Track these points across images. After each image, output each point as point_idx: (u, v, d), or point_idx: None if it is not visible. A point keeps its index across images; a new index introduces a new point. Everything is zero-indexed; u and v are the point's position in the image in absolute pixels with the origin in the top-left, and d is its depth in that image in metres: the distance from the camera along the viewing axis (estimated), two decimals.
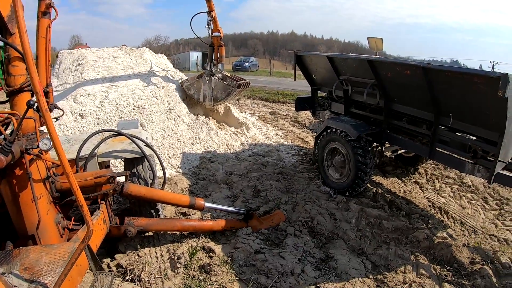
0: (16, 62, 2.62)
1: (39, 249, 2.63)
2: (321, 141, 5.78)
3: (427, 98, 4.32)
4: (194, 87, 8.48)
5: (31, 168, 2.68)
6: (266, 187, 5.60)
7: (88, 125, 6.71)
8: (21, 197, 2.72)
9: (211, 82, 8.26)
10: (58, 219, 3.08)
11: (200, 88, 8.41)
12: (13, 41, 2.56)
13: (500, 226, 4.86)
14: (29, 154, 2.63)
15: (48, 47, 3.33)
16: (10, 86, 2.64)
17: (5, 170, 2.55)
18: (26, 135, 2.69)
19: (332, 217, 4.73)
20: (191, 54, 47.81)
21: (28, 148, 2.60)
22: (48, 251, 2.60)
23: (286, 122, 10.91)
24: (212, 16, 8.28)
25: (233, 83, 8.19)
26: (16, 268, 2.39)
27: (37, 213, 2.76)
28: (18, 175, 2.66)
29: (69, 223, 3.23)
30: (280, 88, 19.47)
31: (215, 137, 7.96)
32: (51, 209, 3.00)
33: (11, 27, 2.54)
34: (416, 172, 6.48)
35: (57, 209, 3.15)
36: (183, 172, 6.34)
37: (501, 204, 5.43)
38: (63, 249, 2.57)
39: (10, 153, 2.42)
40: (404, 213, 4.98)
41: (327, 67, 5.99)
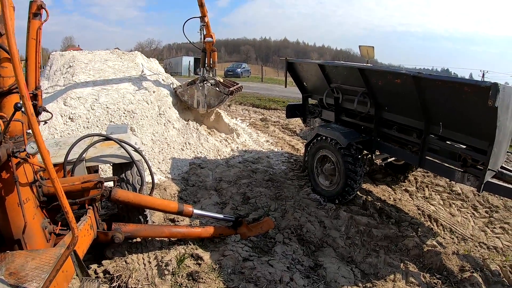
0: (5, 63, 2.57)
1: (25, 254, 2.59)
2: (311, 149, 5.78)
3: (418, 106, 4.35)
4: (187, 93, 8.47)
5: (17, 171, 2.63)
6: (255, 194, 5.58)
7: (78, 128, 6.65)
8: (7, 201, 2.67)
9: (204, 88, 8.26)
10: (44, 223, 3.03)
11: (193, 95, 8.40)
12: (2, 41, 2.53)
13: (490, 234, 4.89)
14: (16, 158, 2.58)
15: (38, 49, 3.29)
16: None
17: None
18: (13, 137, 2.64)
19: (322, 225, 4.72)
20: (184, 59, 47.75)
21: (15, 151, 2.55)
22: (34, 256, 2.56)
23: (277, 129, 10.91)
24: (204, 21, 8.29)
25: (225, 90, 8.21)
26: (1, 273, 2.35)
27: (23, 218, 2.71)
28: (4, 179, 2.61)
29: (56, 228, 3.18)
30: (272, 94, 19.53)
31: (205, 143, 7.92)
32: (38, 213, 2.95)
33: (0, 27, 2.51)
34: (406, 180, 6.51)
35: (44, 213, 3.09)
36: (172, 178, 6.29)
37: (491, 212, 5.48)
38: (49, 254, 2.53)
39: None
40: (393, 221, 4.99)
41: (318, 75, 6.00)
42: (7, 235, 2.79)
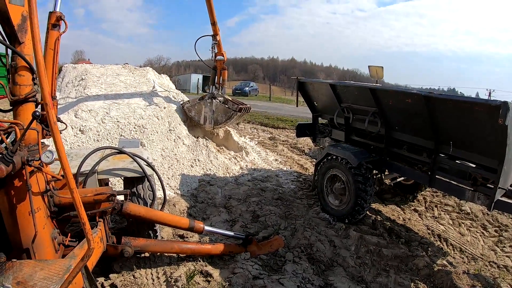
0: (23, 72, 2.63)
1: (34, 264, 2.58)
2: (321, 168, 5.77)
3: (428, 126, 4.37)
4: (195, 109, 8.51)
5: (30, 180, 2.65)
6: (265, 212, 5.55)
7: (88, 140, 6.70)
8: (19, 209, 2.69)
9: (212, 104, 8.30)
10: (54, 234, 3.04)
11: (201, 110, 8.43)
12: (21, 50, 2.57)
13: (500, 253, 4.84)
14: (30, 166, 2.61)
15: (56, 59, 3.36)
16: (15, 95, 2.64)
17: (5, 180, 2.52)
18: (28, 146, 2.67)
19: (332, 244, 4.68)
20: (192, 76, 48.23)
21: (30, 160, 2.58)
22: (43, 266, 2.54)
23: (286, 148, 10.91)
24: (216, 40, 8.41)
25: (234, 106, 8.23)
26: (9, 281, 2.33)
27: (33, 227, 2.73)
28: (17, 186, 2.63)
29: (65, 239, 3.18)
30: (280, 113, 19.59)
31: (215, 160, 7.94)
32: (48, 223, 2.96)
33: (20, 36, 2.56)
34: (415, 200, 6.47)
35: (53, 224, 3.11)
36: (182, 194, 6.30)
37: (500, 231, 5.43)
38: (58, 265, 2.51)
39: (11, 163, 2.40)
40: (403, 240, 4.94)
41: (329, 94, 6.03)
42: (16, 243, 2.80)
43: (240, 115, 8.51)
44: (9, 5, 2.41)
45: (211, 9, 8.13)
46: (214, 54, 8.65)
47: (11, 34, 2.57)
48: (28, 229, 2.75)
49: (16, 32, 2.53)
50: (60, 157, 1.60)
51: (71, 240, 3.22)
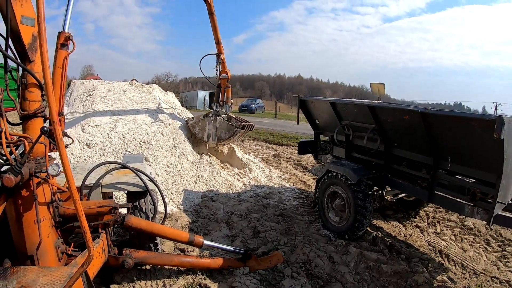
0: (33, 89, 2.78)
1: (37, 270, 2.67)
2: (322, 185, 5.83)
3: (426, 142, 4.45)
4: (198, 126, 8.63)
5: (37, 190, 2.80)
6: (266, 228, 5.60)
7: (94, 155, 6.82)
8: (25, 218, 2.81)
9: (216, 122, 8.41)
10: (58, 243, 3.15)
11: (204, 127, 8.55)
12: (31, 68, 2.72)
13: (503, 268, 4.85)
14: (37, 177, 2.75)
15: (64, 78, 3.50)
16: (25, 110, 2.79)
17: (13, 190, 2.65)
18: (35, 158, 2.81)
19: (331, 260, 4.71)
20: (199, 93, 48.60)
21: (37, 172, 2.72)
22: (46, 273, 2.63)
23: (289, 165, 10.97)
24: (221, 58, 8.58)
25: (237, 124, 8.33)
26: (12, 285, 2.42)
27: (38, 235, 2.85)
28: (24, 196, 2.77)
29: (68, 248, 3.29)
30: (285, 130, 19.70)
31: (218, 177, 8.02)
32: (52, 232, 3.08)
33: (31, 54, 2.71)
34: (417, 216, 6.49)
35: (58, 233, 3.22)
36: (184, 209, 6.37)
37: (504, 246, 5.43)
38: (60, 272, 2.60)
39: (19, 174, 2.54)
40: (403, 256, 4.95)
41: (330, 112, 6.14)
42: (21, 250, 2.92)
43: (243, 133, 8.61)
44: (20, 25, 2.57)
45: (215, 29, 8.32)
46: (219, 72, 8.81)
47: (22, 53, 2.72)
48: (33, 237, 2.87)
49: (27, 51, 2.69)
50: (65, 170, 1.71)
51: (74, 250, 3.32)
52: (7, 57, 2.60)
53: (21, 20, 2.59)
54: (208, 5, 8.03)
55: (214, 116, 8.47)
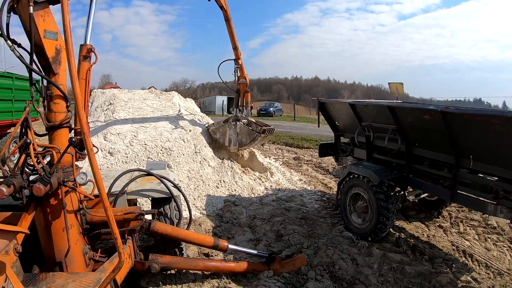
0: (58, 100, 2.88)
1: (66, 276, 2.76)
2: (343, 187, 5.83)
3: (447, 141, 4.39)
4: (219, 131, 8.71)
5: (65, 199, 2.89)
6: (288, 232, 5.62)
7: (117, 162, 6.96)
8: (53, 225, 2.91)
9: (237, 127, 8.48)
10: (85, 249, 3.25)
11: (225, 133, 8.63)
12: (56, 80, 2.82)
13: None
14: (65, 186, 2.85)
15: (87, 89, 3.60)
16: (50, 121, 2.90)
17: (42, 199, 2.75)
18: (63, 168, 2.91)
19: (354, 262, 4.71)
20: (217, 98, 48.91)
21: (65, 181, 2.82)
22: (74, 278, 2.72)
23: (310, 167, 10.97)
24: (238, 63, 8.67)
25: (257, 128, 8.38)
26: None
27: (67, 242, 2.95)
28: (53, 205, 2.87)
29: (95, 254, 3.39)
30: (304, 133, 19.68)
31: (240, 181, 8.08)
32: (80, 239, 3.18)
33: (55, 67, 2.82)
34: (440, 216, 6.41)
35: (85, 240, 3.32)
36: (207, 214, 6.44)
37: None
38: (89, 278, 2.68)
39: (48, 183, 2.64)
40: (427, 257, 4.90)
41: (349, 114, 6.13)
42: (50, 256, 3.02)
43: (263, 137, 8.65)
44: (44, 40, 2.68)
45: (232, 35, 8.41)
46: (237, 77, 8.89)
47: (46, 66, 2.83)
48: (61, 244, 2.97)
49: (51, 64, 2.79)
50: (96, 179, 1.78)
51: (101, 256, 3.42)
52: (32, 71, 2.71)
53: (44, 34, 2.69)
54: (224, 11, 8.12)
55: (235, 122, 8.53)
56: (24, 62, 2.65)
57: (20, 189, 2.65)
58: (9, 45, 2.61)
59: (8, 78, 9.79)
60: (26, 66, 2.66)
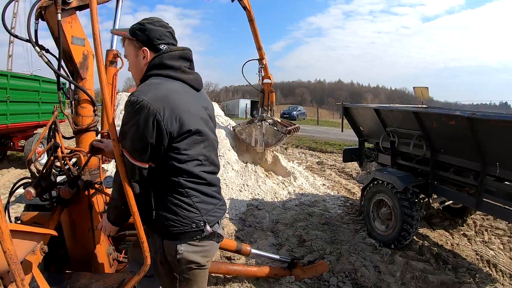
0: (85, 104, 2.97)
1: (90, 276, 2.83)
2: (367, 193, 5.79)
3: (473, 147, 4.32)
4: (245, 132, 8.77)
5: (91, 200, 2.97)
6: (311, 237, 5.61)
7: None
8: (79, 226, 3.00)
9: (262, 127, 8.52)
10: (109, 250, 3.33)
11: (251, 133, 8.68)
12: (83, 85, 2.91)
13: None
14: (92, 188, 2.93)
15: (114, 93, 3.69)
16: (78, 125, 2.98)
17: (68, 201, 2.83)
18: (89, 170, 3.00)
19: (377, 270, 4.67)
20: (241, 101, 49.00)
21: (92, 183, 2.90)
22: (98, 279, 2.78)
23: (333, 172, 10.90)
24: (263, 63, 8.75)
25: (283, 129, 8.41)
26: None
27: (92, 242, 3.02)
28: (79, 206, 2.95)
29: (119, 255, 3.47)
30: (327, 137, 19.58)
31: (263, 185, 8.10)
32: (105, 240, 3.26)
33: (82, 72, 2.90)
34: (464, 224, 6.28)
35: (109, 241, 3.40)
36: (230, 218, 6.48)
37: None
38: (112, 278, 2.74)
39: (76, 186, 2.73)
40: (450, 266, 4.80)
41: (374, 119, 6.09)
42: (75, 256, 3.10)
43: (289, 137, 8.67)
44: (71, 45, 2.76)
45: (256, 35, 8.47)
46: (261, 77, 8.96)
47: (73, 71, 2.91)
48: (87, 244, 3.05)
49: (78, 69, 2.87)
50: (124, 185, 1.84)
51: (124, 257, 3.49)
52: (60, 76, 2.79)
53: (72, 40, 2.76)
54: (247, 12, 8.19)
55: (260, 122, 8.57)
56: (52, 68, 2.72)
57: (48, 191, 2.75)
58: (38, 51, 2.68)
59: (35, 81, 10.05)
60: (54, 72, 2.73)
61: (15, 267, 1.43)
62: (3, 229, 1.38)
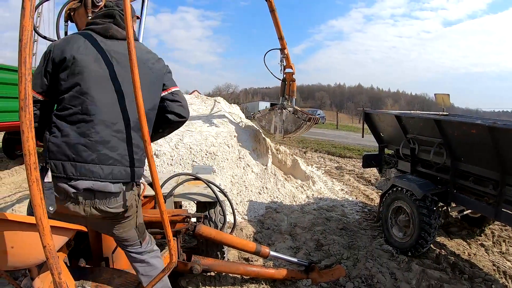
0: None
1: (112, 271, 2.92)
2: (386, 199, 5.79)
3: (493, 157, 4.29)
4: (265, 119, 8.85)
5: None
6: (328, 242, 5.64)
7: (162, 164, 7.20)
8: None
9: (282, 114, 8.57)
10: None
11: (271, 120, 8.76)
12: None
13: None
14: None
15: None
16: None
17: None
18: None
19: (393, 277, 4.67)
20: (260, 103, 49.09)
21: None
22: (120, 274, 2.87)
23: (352, 177, 10.88)
24: (284, 53, 8.85)
25: (303, 116, 8.44)
26: (88, 284, 2.65)
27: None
28: None
29: None
30: (347, 142, 19.51)
31: (282, 189, 8.16)
32: None
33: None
34: (482, 234, 6.22)
35: None
36: (249, 220, 6.56)
37: None
38: (133, 275, 2.80)
39: None
40: (466, 276, 4.76)
41: (395, 125, 6.10)
42: (97, 252, 3.18)
43: (309, 125, 8.68)
44: None
45: (277, 25, 8.57)
46: (283, 66, 9.03)
47: None
48: (109, 241, 3.14)
49: None
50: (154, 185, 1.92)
51: None
52: None
53: None
54: (269, 3, 8.29)
55: (281, 109, 8.63)
56: None
57: None
58: None
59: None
60: None
61: (53, 261, 1.51)
62: (44, 225, 1.46)
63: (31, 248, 1.73)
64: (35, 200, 1.40)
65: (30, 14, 1.33)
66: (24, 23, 1.32)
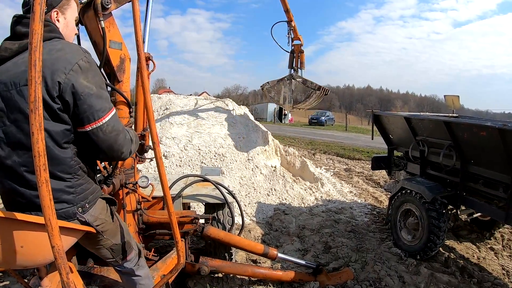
0: (121, 106, 3.07)
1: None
2: (395, 202, 5.76)
3: (504, 159, 4.23)
4: (274, 90, 8.83)
5: (125, 199, 3.11)
6: (337, 244, 5.62)
7: (171, 165, 7.24)
8: None
9: (292, 84, 8.55)
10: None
11: (280, 91, 8.74)
12: (120, 87, 3.03)
13: None
14: (126, 188, 3.06)
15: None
16: None
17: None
18: (124, 170, 3.14)
19: (401, 280, 4.63)
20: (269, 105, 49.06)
21: (127, 183, 3.03)
22: None
23: (361, 179, 10.83)
24: (291, 25, 8.84)
25: (313, 85, 8.40)
26: (96, 283, 2.68)
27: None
28: None
29: (149, 253, 3.57)
30: (356, 144, 19.42)
31: (290, 190, 8.14)
32: (136, 238, 3.37)
33: (119, 75, 3.02)
34: (491, 237, 6.15)
35: (140, 239, 3.52)
36: (257, 221, 6.56)
37: None
38: None
39: (111, 184, 2.85)
40: (475, 280, 4.71)
41: (404, 127, 6.06)
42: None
43: (318, 94, 8.62)
44: (109, 49, 2.86)
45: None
46: (291, 39, 9.03)
47: (110, 74, 3.03)
48: None
49: (115, 72, 2.99)
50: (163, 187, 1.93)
51: (153, 255, 3.61)
52: None
53: (110, 44, 2.87)
54: None
55: (290, 80, 8.60)
56: None
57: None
58: None
59: None
60: None
61: (61, 261, 1.52)
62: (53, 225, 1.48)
63: (40, 248, 1.75)
64: (44, 201, 1.41)
65: (40, 18, 1.34)
66: (34, 27, 1.33)
